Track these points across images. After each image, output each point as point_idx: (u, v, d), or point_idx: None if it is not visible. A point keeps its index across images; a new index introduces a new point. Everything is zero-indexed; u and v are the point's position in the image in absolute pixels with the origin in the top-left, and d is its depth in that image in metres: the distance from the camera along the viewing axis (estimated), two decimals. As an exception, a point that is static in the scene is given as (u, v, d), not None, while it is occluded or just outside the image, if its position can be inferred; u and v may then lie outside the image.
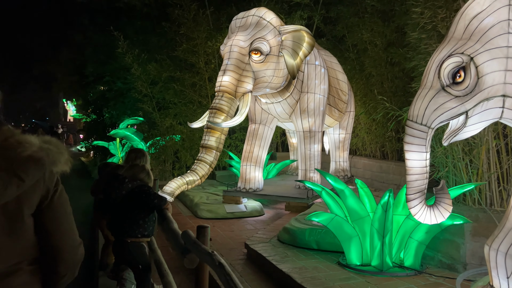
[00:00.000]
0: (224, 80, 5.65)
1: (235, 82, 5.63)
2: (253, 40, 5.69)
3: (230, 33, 6.04)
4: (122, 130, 10.01)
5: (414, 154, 2.75)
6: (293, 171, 9.01)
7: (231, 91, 5.62)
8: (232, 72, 5.64)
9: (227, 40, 5.99)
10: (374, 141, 8.87)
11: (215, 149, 5.68)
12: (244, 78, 5.68)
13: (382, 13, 8.12)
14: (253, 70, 5.75)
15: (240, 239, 5.10)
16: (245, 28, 5.82)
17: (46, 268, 1.31)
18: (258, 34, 5.72)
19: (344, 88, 7.63)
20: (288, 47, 5.91)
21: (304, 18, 9.05)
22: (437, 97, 2.63)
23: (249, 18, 5.88)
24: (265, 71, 5.81)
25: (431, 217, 2.81)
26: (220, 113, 5.58)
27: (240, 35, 5.76)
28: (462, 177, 3.94)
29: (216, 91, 5.73)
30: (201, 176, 5.64)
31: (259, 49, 5.69)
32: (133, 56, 9.28)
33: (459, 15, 2.62)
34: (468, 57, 2.50)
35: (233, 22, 6.10)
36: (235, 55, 5.69)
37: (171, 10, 9.02)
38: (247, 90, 5.73)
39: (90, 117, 15.76)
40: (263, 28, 5.78)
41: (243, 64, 5.69)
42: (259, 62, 5.73)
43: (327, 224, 3.88)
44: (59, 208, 1.30)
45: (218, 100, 5.66)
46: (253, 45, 5.68)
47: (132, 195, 2.90)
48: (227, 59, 5.74)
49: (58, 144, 1.27)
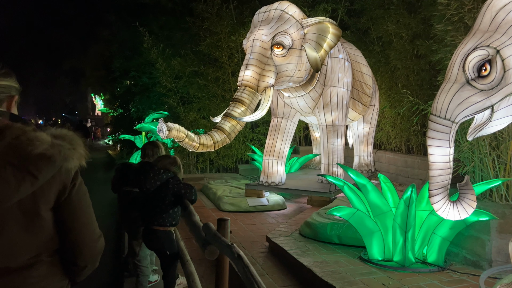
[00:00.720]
0: (246, 75, 5.65)
1: (257, 77, 5.63)
2: (275, 34, 5.67)
3: (253, 27, 6.03)
4: (148, 124, 10.23)
5: (437, 149, 2.71)
6: (316, 165, 8.98)
7: (253, 85, 5.62)
8: (254, 66, 5.64)
9: (249, 34, 5.99)
10: (399, 135, 8.72)
11: (227, 134, 5.49)
12: (266, 72, 5.67)
13: (408, 4, 7.93)
14: (275, 64, 5.73)
15: (262, 232, 5.15)
16: (267, 22, 5.80)
17: (66, 260, 1.35)
18: (280, 28, 5.69)
19: (368, 81, 7.52)
20: (311, 40, 5.85)
21: (328, 10, 8.94)
22: (462, 91, 2.59)
23: (272, 12, 5.86)
24: (287, 65, 5.79)
25: (454, 213, 2.78)
26: (241, 105, 5.55)
27: (262, 29, 5.75)
28: (488, 172, 3.85)
29: (238, 86, 5.74)
30: (199, 143, 5.36)
31: (281, 43, 5.67)
32: (158, 51, 9.44)
33: (485, 6, 2.55)
34: (494, 50, 2.44)
35: (256, 17, 6.08)
36: (257, 49, 5.69)
37: (195, 5, 9.09)
38: (269, 84, 5.73)
39: (117, 111, 16.17)
40: (286, 22, 5.74)
41: (265, 59, 5.68)
42: (281, 56, 5.71)
43: (348, 219, 3.88)
44: (77, 203, 1.33)
45: (240, 92, 5.65)
46: (275, 39, 5.67)
47: (165, 186, 3.01)
48: (249, 54, 5.74)
49: (72, 139, 1.27)
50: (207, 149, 5.48)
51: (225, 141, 5.54)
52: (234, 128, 5.54)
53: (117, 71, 13.50)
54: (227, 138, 5.51)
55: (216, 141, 5.44)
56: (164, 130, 5.08)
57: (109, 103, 20.92)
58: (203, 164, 9.50)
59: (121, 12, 13.44)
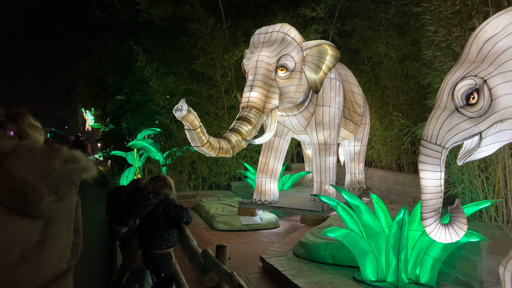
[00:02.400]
0: (252, 96, 5.61)
1: (263, 98, 5.61)
2: (280, 56, 5.72)
3: (253, 47, 6.01)
4: (140, 141, 10.22)
5: (428, 173, 2.79)
6: (308, 183, 9.04)
7: (259, 107, 5.58)
8: (260, 88, 5.63)
9: (250, 55, 5.97)
10: (389, 153, 8.85)
11: (232, 146, 5.40)
12: (271, 94, 5.68)
13: (397, 26, 8.16)
14: (279, 86, 5.78)
15: (256, 252, 5.16)
16: (270, 44, 5.83)
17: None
18: (284, 51, 5.74)
19: (359, 100, 7.67)
20: (311, 63, 5.97)
21: (319, 31, 9.15)
22: (451, 118, 2.68)
23: (274, 34, 5.89)
24: (289, 87, 5.86)
25: (446, 236, 2.84)
26: (248, 123, 5.46)
27: (266, 51, 5.77)
28: (478, 193, 3.94)
29: (243, 107, 5.65)
30: (207, 140, 5.18)
31: (286, 66, 5.72)
32: (151, 69, 9.51)
33: (472, 37, 2.67)
34: (482, 80, 2.55)
35: (256, 37, 6.06)
36: (262, 71, 5.69)
37: (189, 25, 9.24)
38: (275, 106, 5.75)
39: (108, 127, 16.12)
40: (288, 44, 5.80)
41: (270, 80, 5.69)
42: (285, 78, 5.77)
43: (342, 240, 3.92)
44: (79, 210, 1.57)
45: (246, 112, 5.54)
46: (280, 62, 5.71)
47: (157, 210, 3.03)
48: (253, 75, 5.72)
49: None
50: (211, 149, 5.25)
51: (229, 152, 5.41)
52: (239, 143, 5.46)
53: (110, 88, 13.52)
54: (231, 150, 5.40)
55: (221, 147, 5.31)
56: (184, 109, 4.81)
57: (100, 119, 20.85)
58: (195, 181, 9.50)
59: (114, 29, 13.54)
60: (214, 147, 5.24)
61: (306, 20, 9.33)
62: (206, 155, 5.48)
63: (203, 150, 5.28)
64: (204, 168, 9.30)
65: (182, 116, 4.87)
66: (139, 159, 10.74)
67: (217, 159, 9.31)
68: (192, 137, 5.16)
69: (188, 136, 5.21)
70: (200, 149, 5.25)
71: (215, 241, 5.73)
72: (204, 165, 9.31)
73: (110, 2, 12.46)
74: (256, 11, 10.94)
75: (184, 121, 5.02)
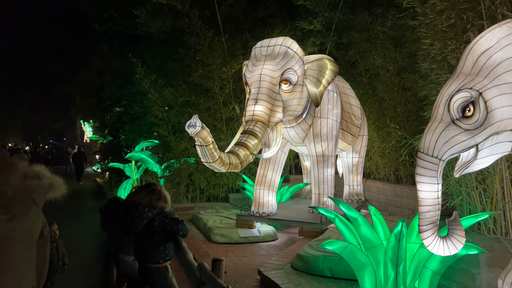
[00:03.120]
0: (257, 109, 5.58)
1: (268, 112, 5.60)
2: (284, 70, 5.74)
3: (255, 60, 5.99)
4: (138, 153, 10.20)
5: (426, 185, 2.79)
6: (306, 194, 9.02)
7: (264, 120, 5.55)
8: (265, 101, 5.61)
9: (252, 67, 5.95)
10: (387, 165, 8.86)
11: (240, 160, 5.34)
12: (275, 107, 5.68)
13: (393, 39, 8.24)
14: (283, 100, 5.80)
15: (254, 265, 5.12)
16: (273, 57, 5.83)
17: None
18: (288, 65, 5.77)
19: (357, 112, 7.70)
20: (312, 76, 6.01)
21: (317, 44, 9.23)
22: (447, 130, 2.69)
23: (277, 47, 5.91)
24: (292, 100, 5.88)
25: (444, 249, 2.83)
26: (254, 137, 5.41)
27: (269, 64, 5.77)
28: (476, 206, 3.94)
29: (248, 120, 5.60)
30: (219, 156, 5.07)
31: (289, 80, 5.75)
32: (150, 81, 9.56)
33: (467, 51, 2.70)
34: (477, 92, 2.57)
35: (258, 50, 6.05)
36: (266, 84, 5.68)
37: (188, 38, 9.31)
38: (279, 119, 5.75)
39: (106, 139, 16.11)
40: (291, 58, 5.83)
41: (274, 94, 5.69)
42: (288, 92, 5.79)
43: (340, 253, 3.89)
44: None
45: (252, 126, 5.50)
46: (284, 75, 5.72)
47: (152, 224, 3.01)
48: (258, 88, 5.70)
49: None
50: (222, 165, 5.15)
51: (237, 167, 5.33)
52: (247, 158, 5.40)
53: (109, 100, 13.56)
54: (239, 165, 5.33)
55: (231, 162, 5.23)
56: (198, 126, 4.66)
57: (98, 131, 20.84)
58: (193, 193, 9.46)
59: (113, 42, 13.64)
60: (225, 162, 5.17)
61: (304, 33, 9.42)
62: (215, 170, 5.38)
63: (214, 166, 5.16)
64: (202, 180, 9.28)
65: (195, 132, 4.73)
66: (137, 171, 10.71)
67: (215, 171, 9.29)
68: (203, 153, 5.04)
69: (199, 152, 5.08)
70: (211, 165, 5.13)
71: (213, 254, 5.68)
72: (202, 177, 9.29)
73: (109, 15, 12.56)
74: (254, 24, 11.06)
75: (197, 138, 4.88)
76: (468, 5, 3.77)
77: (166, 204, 3.21)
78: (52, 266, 3.89)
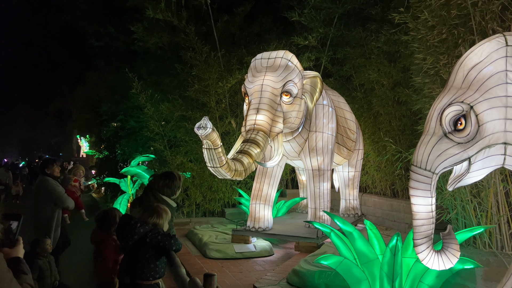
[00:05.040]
0: (259, 119, 5.58)
1: (270, 122, 5.61)
2: (285, 82, 5.80)
3: (256, 71, 6.03)
4: (134, 167, 10.15)
5: (419, 199, 2.79)
6: (303, 209, 8.97)
7: (266, 130, 5.55)
8: (267, 111, 5.63)
9: (253, 78, 5.99)
10: (383, 179, 8.85)
11: (244, 168, 5.24)
12: (277, 118, 5.71)
13: (387, 54, 8.34)
14: (283, 111, 5.84)
15: (249, 280, 5.06)
16: (274, 69, 5.90)
17: None
18: (289, 77, 5.84)
19: (352, 126, 7.73)
20: (308, 92, 6.12)
21: (312, 59, 9.33)
22: (440, 144, 2.70)
23: (278, 60, 5.99)
24: (291, 112, 5.93)
25: (439, 263, 2.81)
26: (256, 146, 5.35)
27: (271, 76, 5.83)
28: (471, 219, 3.93)
29: (249, 129, 5.56)
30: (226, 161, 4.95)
31: (290, 92, 5.80)
32: (146, 96, 9.59)
33: (458, 65, 2.73)
34: (468, 106, 2.59)
35: (259, 61, 6.11)
36: (268, 94, 5.72)
37: (184, 53, 9.39)
38: (280, 130, 5.78)
39: (102, 154, 16.05)
40: (292, 71, 5.91)
41: (275, 105, 5.73)
42: (288, 103, 5.84)
43: (336, 268, 3.86)
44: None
45: (254, 135, 5.46)
46: (285, 87, 5.78)
47: (144, 240, 2.97)
48: (259, 98, 5.72)
49: None
50: (228, 171, 5.02)
51: (242, 175, 5.21)
52: (250, 166, 5.31)
53: (105, 114, 13.58)
54: (243, 172, 5.23)
55: (236, 169, 5.12)
56: (208, 127, 4.49)
57: (94, 145, 20.79)
58: (189, 208, 9.40)
59: (110, 58, 13.72)
60: (231, 168, 5.06)
61: (299, 48, 9.52)
62: (219, 176, 5.22)
63: (220, 171, 5.01)
64: (198, 195, 9.24)
65: (206, 134, 4.55)
66: (132, 186, 10.65)
67: (211, 185, 9.26)
68: (211, 157, 4.86)
69: (206, 156, 4.91)
70: (218, 169, 4.97)
71: (208, 269, 5.61)
72: (198, 192, 9.25)
73: (106, 31, 12.67)
74: (250, 40, 11.17)
75: (206, 140, 4.72)
76: (459, 20, 3.84)
77: (159, 220, 3.14)
78: (45, 281, 3.84)
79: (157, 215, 3.14)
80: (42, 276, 3.79)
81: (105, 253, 3.71)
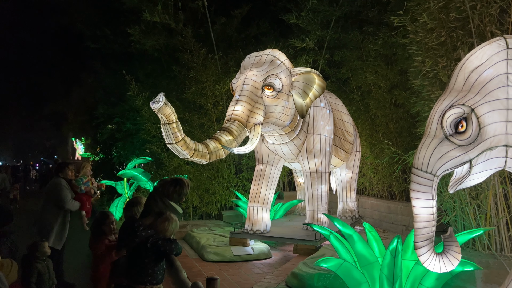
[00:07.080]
0: (237, 109, 5.63)
1: (247, 112, 5.63)
2: (267, 76, 5.83)
3: (243, 69, 6.16)
4: (130, 170, 10.10)
5: (420, 201, 2.78)
6: (300, 211, 8.96)
7: (243, 120, 5.57)
8: (245, 102, 5.67)
9: (239, 75, 6.10)
10: (381, 181, 8.87)
11: (209, 151, 5.25)
12: (256, 109, 5.72)
13: (385, 57, 8.37)
14: (265, 104, 5.84)
15: (248, 283, 5.03)
16: (259, 65, 5.97)
17: None
18: (272, 71, 5.87)
19: (350, 129, 7.74)
20: (298, 88, 6.08)
21: (309, 62, 9.34)
22: (441, 146, 2.70)
23: (264, 56, 6.08)
24: (275, 107, 5.92)
25: (440, 265, 2.80)
26: (229, 134, 5.38)
27: (255, 71, 5.90)
28: (470, 221, 3.93)
29: (226, 120, 5.63)
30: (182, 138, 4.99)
31: (272, 85, 5.81)
32: (143, 98, 9.55)
33: (458, 68, 2.73)
34: (469, 108, 2.59)
35: (246, 60, 6.27)
36: (249, 87, 5.77)
37: (181, 55, 9.37)
38: (258, 121, 5.76)
39: (98, 156, 15.96)
40: (277, 66, 5.95)
41: (255, 97, 5.76)
42: (271, 97, 5.85)
43: (335, 270, 3.85)
44: None
45: (229, 124, 5.51)
46: (267, 80, 5.81)
47: (145, 245, 2.94)
48: (240, 91, 5.78)
49: None
50: (186, 149, 5.03)
51: (205, 157, 5.24)
52: (217, 150, 5.31)
53: (101, 117, 13.51)
54: (207, 155, 5.26)
55: (197, 149, 5.15)
56: (161, 101, 4.61)
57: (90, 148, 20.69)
58: (186, 211, 9.35)
59: (107, 60, 13.66)
60: (189, 147, 5.07)
61: (296, 50, 9.54)
62: (180, 156, 5.24)
63: (177, 149, 5.04)
64: (195, 197, 9.19)
65: (158, 108, 4.67)
66: (129, 189, 10.59)
67: (208, 187, 9.23)
68: (167, 133, 4.94)
69: (163, 133, 5.00)
70: (174, 147, 5.01)
71: (206, 272, 5.59)
72: (195, 194, 9.20)
73: (103, 33, 12.62)
74: (247, 42, 11.18)
75: (160, 114, 4.82)
76: (458, 23, 3.85)
77: (169, 230, 3.04)
78: (43, 285, 3.80)
79: (168, 224, 3.10)
80: (40, 280, 3.75)
81: (101, 261, 3.69)
